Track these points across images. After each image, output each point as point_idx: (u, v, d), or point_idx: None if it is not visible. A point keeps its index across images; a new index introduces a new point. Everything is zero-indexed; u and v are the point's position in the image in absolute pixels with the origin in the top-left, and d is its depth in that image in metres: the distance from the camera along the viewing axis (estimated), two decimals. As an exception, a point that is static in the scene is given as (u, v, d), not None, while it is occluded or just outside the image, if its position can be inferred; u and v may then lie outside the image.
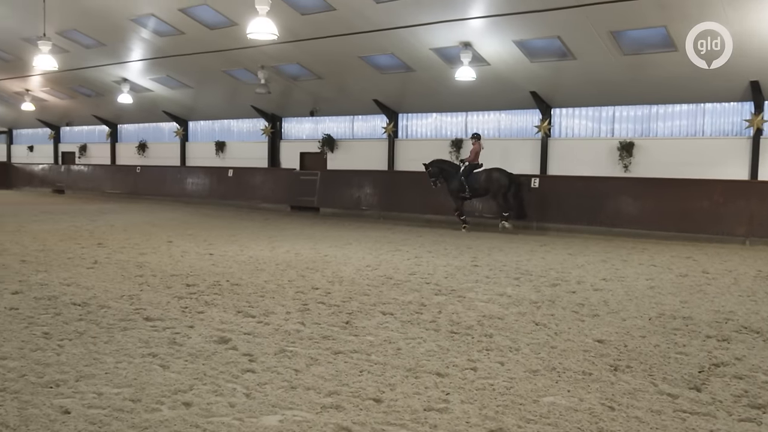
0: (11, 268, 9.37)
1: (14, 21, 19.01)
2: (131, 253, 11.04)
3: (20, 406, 4.25)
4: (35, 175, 31.95)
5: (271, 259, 10.67)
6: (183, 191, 24.91)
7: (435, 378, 4.96)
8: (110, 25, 17.90)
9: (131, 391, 4.56)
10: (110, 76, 22.48)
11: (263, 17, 11.03)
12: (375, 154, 21.03)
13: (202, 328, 6.27)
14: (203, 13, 16.04)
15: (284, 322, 6.57)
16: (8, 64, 23.48)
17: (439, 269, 10.02)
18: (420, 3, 13.56)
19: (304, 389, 4.67)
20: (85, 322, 6.38)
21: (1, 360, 5.18)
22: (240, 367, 5.11)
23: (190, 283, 8.52)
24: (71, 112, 29.40)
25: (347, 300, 7.65)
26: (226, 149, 25.20)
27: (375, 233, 14.97)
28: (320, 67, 18.49)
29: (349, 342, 5.89)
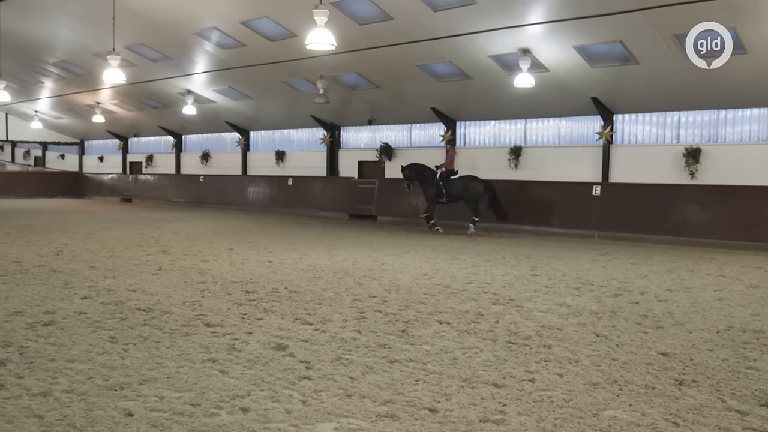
0: (81, 274, 9.74)
1: (86, 37, 19.84)
2: (194, 260, 11.32)
3: (86, 407, 4.41)
4: (105, 185, 33.18)
5: (329, 267, 10.76)
6: (244, 200, 25.42)
7: (491, 389, 4.89)
8: (175, 38, 18.47)
9: (191, 395, 4.67)
10: (175, 88, 23.18)
11: (322, 28, 11.17)
12: (433, 162, 20.95)
13: (261, 334, 6.37)
14: (264, 25, 16.37)
15: (341, 329, 6.61)
16: (80, 78, 24.51)
17: (497, 278, 9.90)
18: (479, 10, 13.49)
19: (359, 397, 4.68)
20: (149, 327, 6.57)
21: (70, 362, 5.38)
22: (297, 374, 5.17)
23: (249, 290, 8.68)
24: (139, 124, 30.45)
25: (404, 308, 7.64)
26: (285, 158, 25.60)
27: (432, 241, 14.92)
28: (378, 76, 18.60)
29: (405, 351, 5.88)
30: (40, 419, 4.20)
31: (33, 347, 5.81)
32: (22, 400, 4.51)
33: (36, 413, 4.29)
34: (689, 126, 16.66)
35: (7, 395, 4.61)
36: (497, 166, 19.23)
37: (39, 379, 4.95)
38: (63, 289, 8.59)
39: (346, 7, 14.43)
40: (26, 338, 6.10)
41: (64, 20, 19.07)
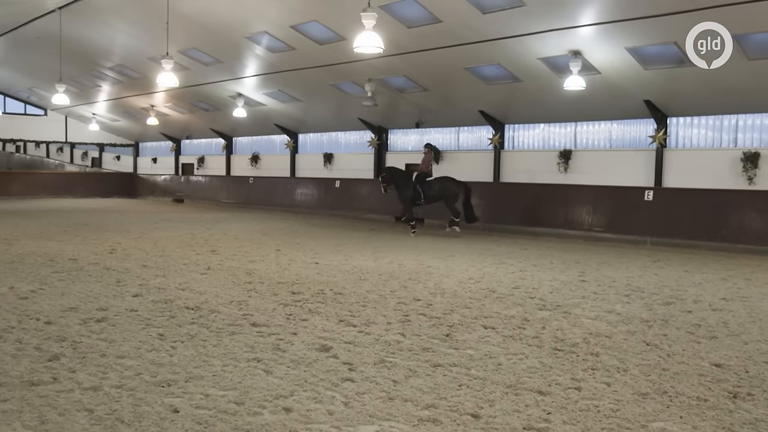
0: (133, 272, 9.99)
1: (141, 41, 20.38)
2: (242, 261, 11.48)
3: (135, 402, 4.51)
4: (158, 185, 33.99)
5: (375, 270, 10.78)
6: (292, 201, 25.68)
7: (536, 396, 4.81)
8: (227, 43, 18.81)
9: (236, 394, 4.73)
10: (226, 91, 23.59)
11: (369, 31, 11.20)
12: (480, 166, 20.82)
13: (305, 335, 6.41)
14: (313, 29, 16.53)
15: (385, 332, 6.60)
16: (135, 82, 25.19)
17: (545, 284, 9.75)
18: (529, 12, 13.33)
19: (401, 401, 4.66)
20: (197, 326, 6.69)
21: (120, 358, 5.52)
22: (340, 376, 5.18)
23: (295, 291, 8.75)
24: (191, 126, 31.10)
25: (448, 312, 7.59)
26: (333, 161, 25.78)
27: (479, 245, 14.79)
28: (426, 79, 18.56)
29: (448, 355, 5.83)
30: (90, 413, 4.31)
31: (86, 342, 5.98)
32: (73, 394, 4.65)
33: (86, 407, 4.41)
34: (747, 129, 16.10)
35: (60, 388, 4.75)
36: (546, 169, 18.97)
37: (90, 374, 5.09)
38: (116, 286, 8.82)
39: (395, 10, 14.45)
40: (79, 334, 6.29)
41: (121, 25, 19.63)
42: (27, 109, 34.15)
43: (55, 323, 6.69)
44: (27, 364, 5.29)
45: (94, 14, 18.89)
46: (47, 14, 19.31)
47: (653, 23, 12.72)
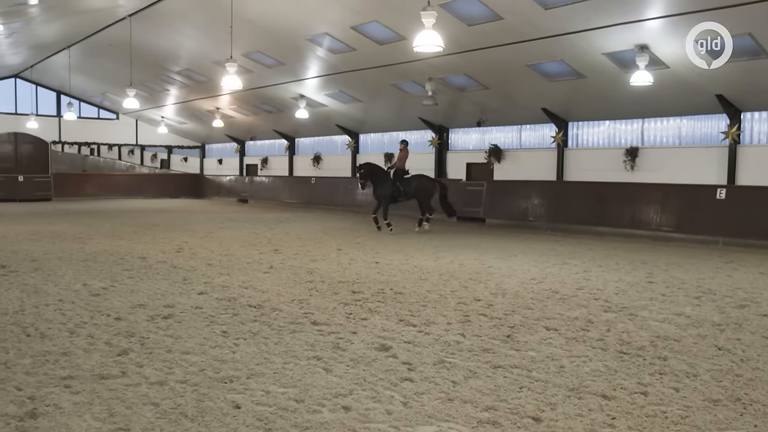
0: (199, 271, 10.24)
1: (207, 46, 20.92)
2: (303, 260, 11.62)
3: (198, 398, 4.61)
4: (223, 186, 34.81)
5: (435, 269, 10.72)
6: (353, 201, 25.84)
7: (600, 400, 4.68)
8: (289, 45, 19.10)
9: (296, 391, 4.77)
10: (289, 93, 23.96)
11: (429, 30, 11.15)
12: (543, 164, 20.48)
13: (365, 334, 6.43)
14: (373, 29, 16.60)
15: (445, 332, 6.55)
16: (201, 85, 25.87)
17: (610, 285, 9.49)
18: (593, 6, 13.02)
19: (461, 402, 4.61)
20: (259, 324, 6.80)
21: (185, 354, 5.66)
22: (399, 375, 5.17)
23: (356, 290, 8.79)
24: (254, 128, 31.73)
25: (510, 313, 7.48)
26: (394, 160, 25.78)
27: (541, 245, 14.53)
28: (487, 77, 18.38)
29: (509, 356, 5.74)
30: (155, 407, 4.43)
31: (153, 338, 6.16)
32: (140, 388, 4.79)
33: (152, 401, 4.54)
34: (829, 124, 15.29)
35: (128, 382, 4.90)
36: (611, 167, 18.49)
37: (157, 369, 5.23)
38: (182, 284, 9.06)
39: (455, 9, 14.36)
40: (147, 330, 6.48)
41: (188, 31, 20.19)
42: (100, 113, 35.55)
43: (124, 319, 6.92)
44: (98, 359, 5.49)
45: (162, 20, 19.49)
46: (118, 22, 20.03)
47: (726, 14, 12.20)
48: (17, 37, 21.65)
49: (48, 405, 4.43)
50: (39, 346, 5.87)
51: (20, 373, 5.10)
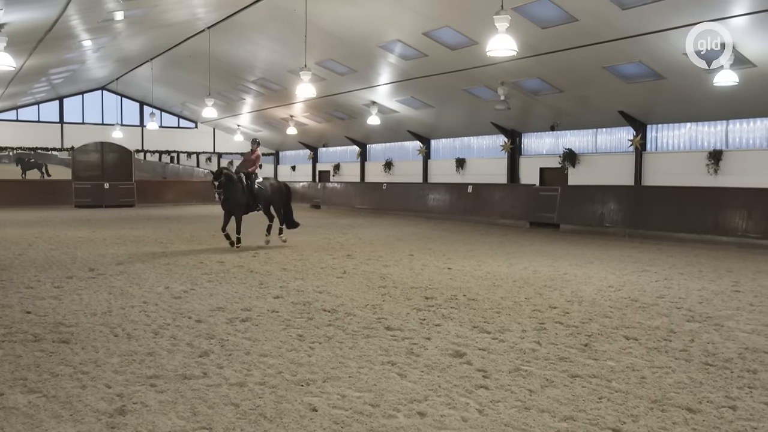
0: (274, 275, 10.46)
1: (281, 55, 21.37)
2: (376, 265, 11.70)
3: (276, 399, 4.71)
4: (296, 192, 35.22)
5: (509, 276, 10.59)
6: (425, 207, 25.84)
7: (684, 413, 4.50)
8: (361, 52, 19.30)
9: (371, 396, 4.81)
10: (361, 99, 24.20)
11: (503, 34, 11.04)
12: (620, 168, 19.90)
13: (439, 340, 6.41)
14: (445, 34, 16.57)
15: (519, 340, 6.46)
16: (276, 94, 26.46)
17: (693, 293, 9.12)
18: (673, 5, 12.57)
19: (538, 411, 4.53)
20: (334, 328, 6.89)
21: (263, 357, 5.79)
22: (474, 383, 5.12)
23: (428, 296, 8.78)
24: (327, 134, 32.20)
25: (587, 321, 7.30)
26: (465, 166, 25.68)
27: (619, 252, 14.12)
28: (561, 80, 18.03)
29: (587, 366, 5.60)
30: (236, 407, 4.55)
31: (232, 341, 6.33)
32: (221, 389, 4.93)
33: (233, 401, 4.67)
34: None
35: (209, 383, 5.06)
36: (693, 171, 17.78)
37: (236, 370, 5.38)
38: (258, 288, 9.28)
39: (528, 11, 14.15)
40: (226, 332, 6.67)
41: (263, 41, 20.69)
42: (180, 122, 36.86)
43: (204, 321, 7.15)
44: (180, 359, 5.69)
45: (239, 32, 20.04)
46: (197, 34, 20.74)
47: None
48: (104, 51, 22.72)
49: (135, 403, 4.62)
50: (126, 345, 6.13)
51: (109, 371, 5.34)
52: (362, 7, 16.15)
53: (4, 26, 12.29)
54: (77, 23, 15.84)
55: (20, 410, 4.48)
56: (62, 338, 6.37)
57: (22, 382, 5.06)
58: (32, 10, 12.75)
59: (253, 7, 17.33)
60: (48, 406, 4.57)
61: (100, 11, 14.87)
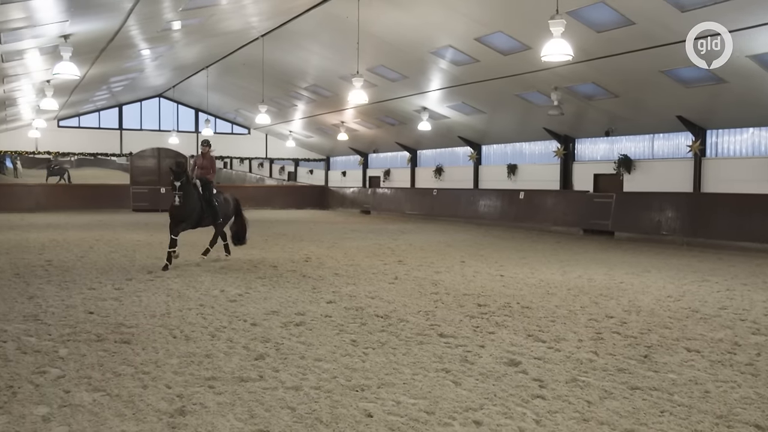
0: (326, 280, 10.54)
1: (333, 62, 21.58)
2: (427, 271, 11.66)
3: (332, 404, 4.73)
4: (346, 197, 35.69)
5: (563, 284, 10.41)
6: (475, 213, 25.68)
7: (753, 430, 4.34)
8: (412, 58, 19.32)
9: (426, 403, 4.78)
10: (411, 105, 24.23)
11: (558, 39, 10.89)
12: (678, 175, 19.39)
13: (493, 348, 6.34)
14: (497, 40, 16.45)
15: (576, 349, 6.34)
16: (327, 100, 26.71)
17: (757, 305, 8.80)
18: (735, 6, 12.20)
19: (597, 423, 4.44)
20: (386, 334, 6.88)
21: (318, 361, 5.82)
22: (530, 392, 5.05)
23: (481, 303, 8.70)
24: (377, 140, 32.33)
25: (645, 332, 7.12)
26: (517, 172, 25.43)
27: (677, 260, 13.73)
28: (616, 84, 17.69)
29: (647, 378, 5.46)
30: (292, 411, 4.59)
31: (286, 344, 6.39)
32: (277, 392, 4.98)
33: (289, 405, 4.71)
34: None
35: (265, 386, 5.12)
36: (756, 178, 17.20)
37: (291, 374, 5.42)
38: (311, 293, 9.36)
39: (583, 15, 13.95)
40: (281, 336, 6.74)
41: (316, 48, 20.93)
42: (233, 128, 37.55)
43: (259, 325, 7.24)
44: (237, 362, 5.77)
45: (291, 39, 20.32)
46: (251, 42, 21.11)
47: None
48: (162, 60, 23.33)
49: (195, 404, 4.71)
50: (184, 347, 6.26)
51: (169, 372, 5.46)
52: (414, 13, 16.17)
53: (70, 37, 12.76)
54: (137, 33, 16.31)
55: (86, 408, 4.62)
56: (123, 338, 6.55)
57: (87, 381, 5.22)
58: (96, 21, 13.19)
59: (306, 14, 17.55)
60: (112, 404, 4.70)
61: (159, 21, 15.28)
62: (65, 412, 4.53)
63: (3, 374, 5.37)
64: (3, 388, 5.02)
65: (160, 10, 14.14)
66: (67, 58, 12.85)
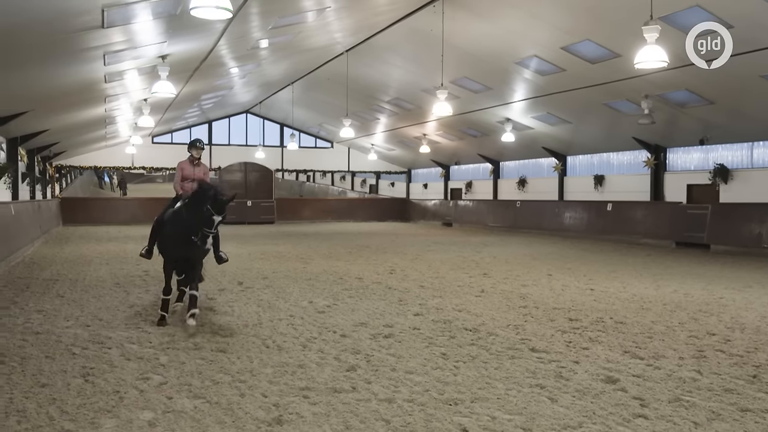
0: (412, 292, 10.53)
1: (416, 75, 21.67)
2: (514, 285, 11.47)
3: (426, 417, 4.70)
4: (428, 210, 35.66)
5: (657, 299, 10.00)
6: (560, 225, 25.10)
7: None
8: (496, 69, 19.16)
9: (522, 419, 4.68)
10: (495, 117, 23.99)
11: (652, 45, 10.53)
12: None
13: (588, 364, 6.15)
14: (585, 48, 16.09)
15: (677, 367, 6.06)
16: (409, 113, 26.84)
17: None
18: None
19: (706, 446, 4.21)
20: (477, 347, 6.80)
21: (409, 374, 5.81)
22: (631, 411, 4.86)
23: (572, 317, 8.47)
24: (459, 152, 32.18)
25: (752, 350, 6.73)
26: (604, 183, 24.72)
27: (782, 275, 12.95)
28: (711, 91, 16.93)
29: (758, 399, 5.15)
30: (386, 423, 4.59)
31: (377, 356, 6.41)
32: (371, 404, 5.00)
33: (383, 417, 4.71)
34: None
35: (359, 397, 5.14)
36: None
37: (384, 386, 5.43)
38: (398, 305, 9.37)
39: (677, 20, 13.45)
40: (371, 348, 6.77)
41: (398, 62, 21.09)
42: (317, 142, 38.30)
43: (349, 336, 7.30)
44: (329, 373, 5.83)
45: (374, 54, 20.57)
46: (336, 57, 21.51)
47: None
48: (250, 77, 24.11)
49: (291, 413, 4.78)
50: (277, 357, 6.38)
51: (264, 381, 5.58)
52: (498, 24, 16.05)
53: (167, 57, 13.37)
54: (228, 52, 16.93)
55: (188, 414, 4.78)
56: (219, 347, 6.75)
57: (188, 388, 5.40)
58: (191, 41, 13.77)
59: (390, 29, 17.73)
60: (212, 411, 4.84)
61: (249, 40, 15.80)
62: (169, 418, 4.70)
63: (110, 379, 5.63)
64: (110, 393, 5.26)
65: (250, 29, 14.62)
66: (165, 78, 13.47)
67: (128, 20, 10.48)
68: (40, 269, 13.39)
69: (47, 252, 17.21)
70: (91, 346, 6.79)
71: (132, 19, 10.51)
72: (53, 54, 11.71)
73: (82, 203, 34.16)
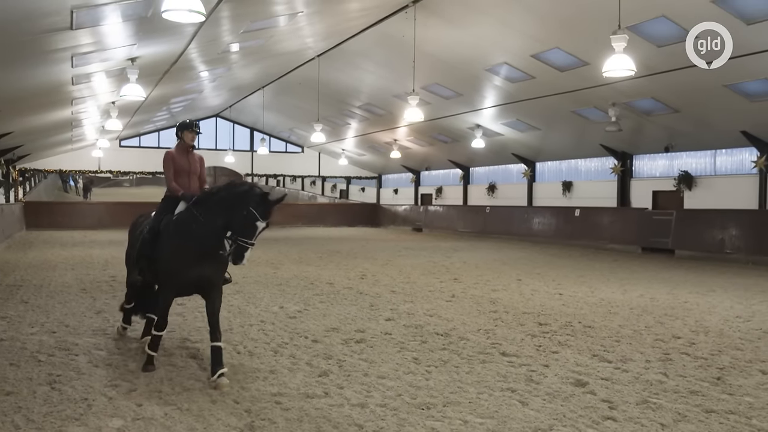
0: (384, 297, 10.55)
1: (388, 81, 21.74)
2: (484, 289, 11.56)
3: (398, 422, 4.72)
4: (398, 215, 35.74)
5: (624, 303, 10.18)
6: (529, 231, 25.37)
7: (842, 458, 4.14)
8: (467, 76, 19.31)
9: (493, 422, 4.73)
10: (465, 123, 24.16)
11: (620, 54, 10.74)
12: (742, 192, 18.77)
13: (558, 368, 6.23)
14: (554, 56, 16.31)
15: (644, 370, 6.18)
16: (380, 118, 26.89)
17: (834, 327, 8.42)
18: (803, 18, 11.84)
19: (673, 447, 4.30)
20: (448, 352, 6.84)
21: (381, 378, 5.83)
22: (600, 413, 4.94)
23: (542, 322, 8.57)
24: (429, 158, 32.32)
25: (716, 353, 6.89)
26: (572, 189, 25.05)
27: (743, 280, 13.27)
28: (676, 99, 17.29)
29: (722, 401, 5.28)
30: (359, 428, 4.60)
31: (349, 361, 6.41)
32: (343, 409, 5.00)
33: (356, 422, 4.72)
34: None
35: (331, 402, 5.14)
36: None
37: (356, 391, 5.44)
38: (369, 310, 9.38)
39: (643, 30, 13.71)
40: (343, 353, 6.77)
41: (370, 67, 21.14)
42: (287, 147, 38.14)
43: (320, 342, 7.29)
44: (302, 378, 5.82)
45: (346, 59, 20.58)
46: (307, 62, 21.47)
47: None
48: (220, 81, 23.93)
49: (263, 419, 4.76)
50: (249, 363, 6.35)
51: (236, 387, 5.54)
52: (469, 31, 16.18)
53: (137, 59, 13.21)
54: (198, 55, 16.79)
55: (158, 421, 4.73)
56: (190, 353, 6.68)
57: (158, 395, 5.34)
58: (161, 44, 13.63)
59: (362, 34, 17.77)
60: (183, 418, 4.80)
61: (220, 44, 15.70)
62: (139, 425, 4.65)
63: (77, 387, 5.54)
64: (78, 400, 5.18)
65: (221, 33, 14.52)
66: (134, 80, 13.30)
67: (98, 22, 10.33)
68: (3, 275, 13.10)
69: (10, 257, 16.85)
70: (58, 353, 6.67)
71: (101, 21, 10.36)
72: (21, 56, 11.48)
73: (46, 207, 33.46)
